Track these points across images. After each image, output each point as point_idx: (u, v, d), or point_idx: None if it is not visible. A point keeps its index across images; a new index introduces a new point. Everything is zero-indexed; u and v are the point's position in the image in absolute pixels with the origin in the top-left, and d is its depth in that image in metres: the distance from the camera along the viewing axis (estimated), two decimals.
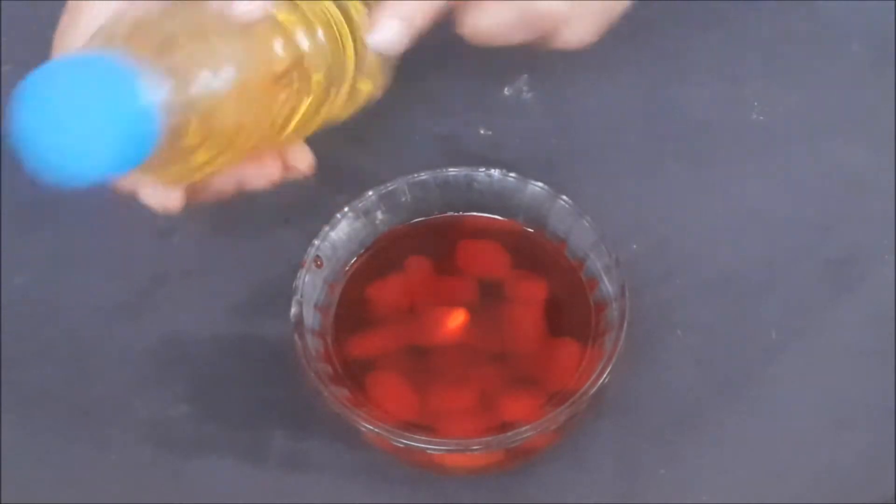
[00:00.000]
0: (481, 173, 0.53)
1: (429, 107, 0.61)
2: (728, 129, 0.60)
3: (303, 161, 0.50)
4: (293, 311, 0.50)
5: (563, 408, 0.47)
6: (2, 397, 0.53)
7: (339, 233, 0.53)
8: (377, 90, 0.51)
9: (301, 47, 0.46)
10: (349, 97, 0.49)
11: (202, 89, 0.42)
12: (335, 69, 0.48)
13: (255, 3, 0.44)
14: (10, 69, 0.63)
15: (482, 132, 0.61)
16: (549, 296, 0.52)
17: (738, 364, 0.53)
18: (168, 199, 0.48)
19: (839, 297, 0.55)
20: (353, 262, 0.53)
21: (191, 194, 0.48)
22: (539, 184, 0.53)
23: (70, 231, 0.59)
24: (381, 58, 0.49)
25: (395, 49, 0.49)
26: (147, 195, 0.48)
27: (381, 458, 0.50)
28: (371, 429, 0.47)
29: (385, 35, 0.48)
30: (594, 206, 0.52)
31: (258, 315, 0.55)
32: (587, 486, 0.51)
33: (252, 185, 0.49)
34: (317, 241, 0.52)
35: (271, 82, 0.45)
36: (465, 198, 0.54)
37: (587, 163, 0.59)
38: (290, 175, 0.50)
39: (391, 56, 0.49)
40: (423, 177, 0.53)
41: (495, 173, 0.53)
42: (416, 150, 0.60)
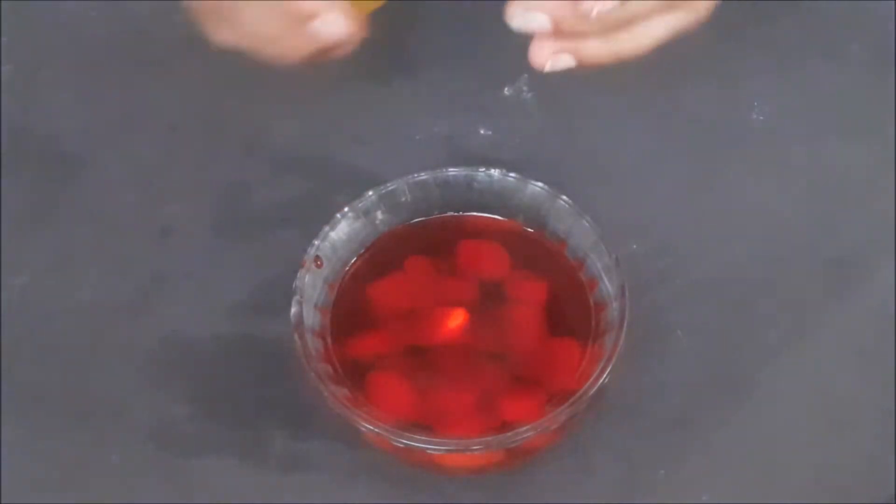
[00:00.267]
0: (481, 173, 0.53)
1: (429, 107, 0.62)
2: (728, 128, 0.60)
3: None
4: (293, 311, 0.50)
5: (563, 408, 0.47)
6: (2, 397, 0.53)
7: (339, 233, 0.53)
8: None
9: None
10: None
11: None
12: None
13: None
14: (11, 69, 0.63)
15: (482, 132, 0.61)
16: (549, 296, 0.52)
17: (738, 364, 0.53)
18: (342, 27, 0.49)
19: (839, 297, 0.55)
20: (353, 262, 0.53)
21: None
22: (539, 184, 0.53)
23: (70, 231, 0.59)
24: None
25: None
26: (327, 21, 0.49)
27: (381, 458, 0.50)
28: (371, 429, 0.47)
29: None
30: (594, 206, 0.52)
31: (258, 315, 0.55)
32: (587, 486, 0.51)
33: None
34: (317, 241, 0.52)
35: None
36: (465, 198, 0.54)
37: (587, 163, 0.59)
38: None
39: None
40: (423, 177, 0.53)
41: (495, 173, 0.53)
42: (416, 150, 0.60)
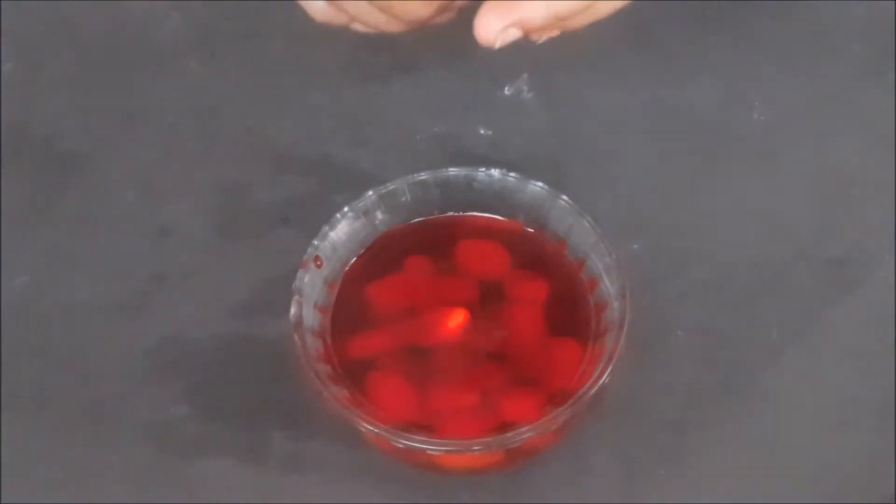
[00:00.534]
0: (481, 173, 0.53)
1: (429, 107, 0.61)
2: (728, 129, 0.60)
3: None
4: (293, 311, 0.50)
5: (563, 408, 0.47)
6: (2, 397, 0.53)
7: (339, 233, 0.52)
8: None
9: None
10: None
11: None
12: None
13: None
14: (10, 68, 0.63)
15: (482, 132, 0.61)
16: (549, 296, 0.52)
17: (738, 364, 0.53)
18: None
19: (839, 297, 0.55)
20: (353, 262, 0.53)
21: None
22: (539, 184, 0.53)
23: (70, 231, 0.59)
24: None
25: None
26: None
27: (381, 458, 0.50)
28: (371, 429, 0.47)
29: None
30: (594, 206, 0.52)
31: (258, 315, 0.55)
32: (587, 487, 0.51)
33: None
34: (317, 241, 0.52)
35: None
36: (465, 198, 0.54)
37: (587, 163, 0.59)
38: None
39: None
40: (423, 177, 0.53)
41: (495, 173, 0.53)
42: (416, 150, 0.60)
